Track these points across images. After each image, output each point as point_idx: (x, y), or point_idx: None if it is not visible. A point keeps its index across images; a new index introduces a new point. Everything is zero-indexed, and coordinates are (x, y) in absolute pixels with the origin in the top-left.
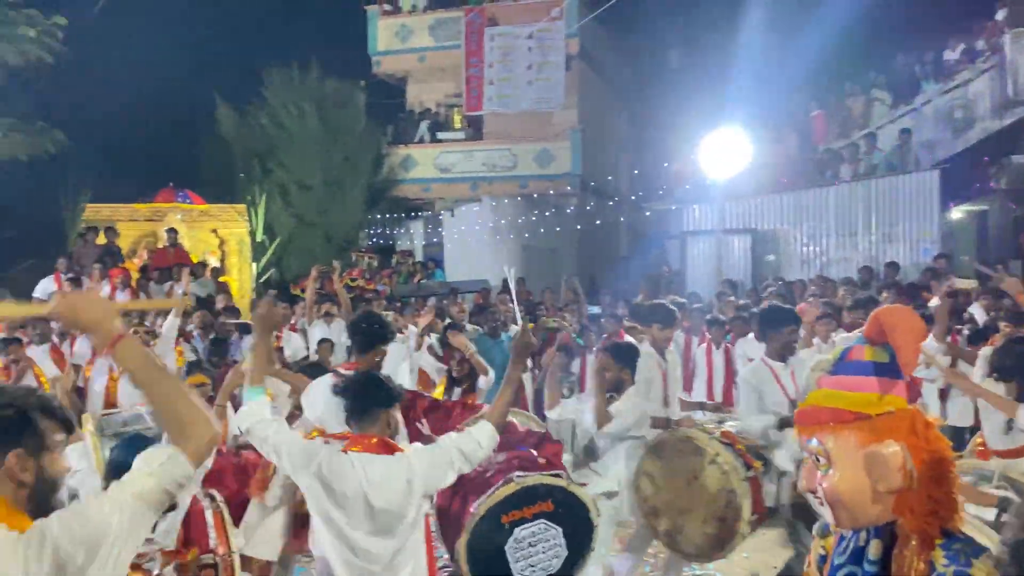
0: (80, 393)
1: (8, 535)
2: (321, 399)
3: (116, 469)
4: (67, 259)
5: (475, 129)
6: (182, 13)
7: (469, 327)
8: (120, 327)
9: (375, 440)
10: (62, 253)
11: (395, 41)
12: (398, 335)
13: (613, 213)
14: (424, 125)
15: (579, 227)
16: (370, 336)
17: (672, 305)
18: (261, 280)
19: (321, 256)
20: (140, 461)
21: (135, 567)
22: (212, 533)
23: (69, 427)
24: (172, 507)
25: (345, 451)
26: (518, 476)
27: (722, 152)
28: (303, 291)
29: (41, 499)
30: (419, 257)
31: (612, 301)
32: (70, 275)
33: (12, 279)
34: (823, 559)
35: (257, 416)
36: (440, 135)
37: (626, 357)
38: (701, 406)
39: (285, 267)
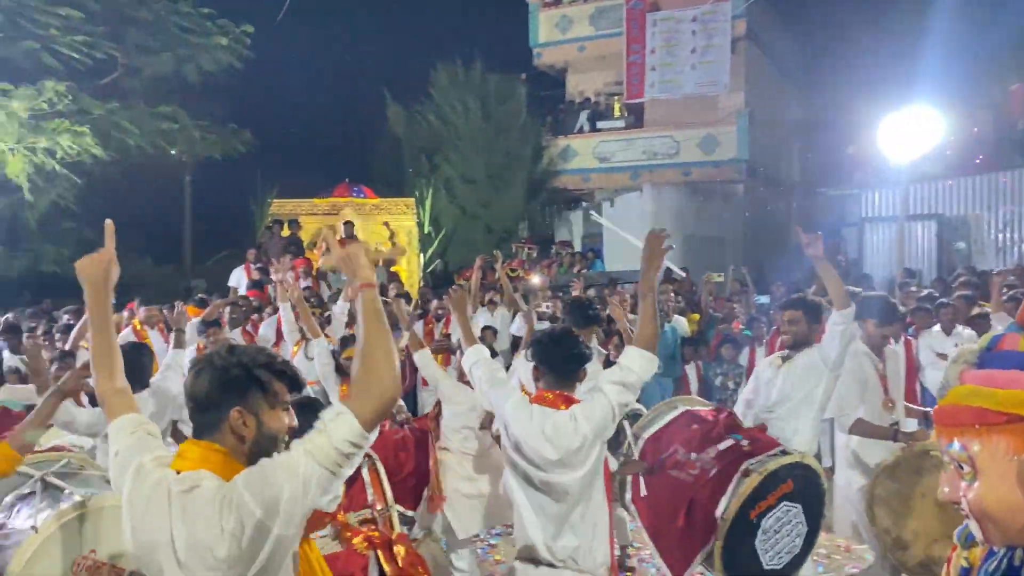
0: None
1: (217, 487)
2: None
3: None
4: (256, 250)
5: (635, 117)
6: (355, 19)
7: (631, 316)
8: (373, 277)
9: (553, 395)
10: (251, 245)
11: (555, 32)
12: None
13: (783, 200)
14: (584, 115)
15: (747, 215)
16: (587, 317)
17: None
18: (428, 270)
19: (483, 247)
20: (316, 421)
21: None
22: (369, 490)
23: (297, 385)
24: None
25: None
26: (754, 464)
27: (906, 133)
28: (466, 280)
29: (259, 454)
30: (578, 247)
31: (785, 291)
32: (259, 265)
33: (208, 269)
34: (966, 572)
35: (480, 359)
36: (600, 124)
37: (815, 313)
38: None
39: (449, 258)
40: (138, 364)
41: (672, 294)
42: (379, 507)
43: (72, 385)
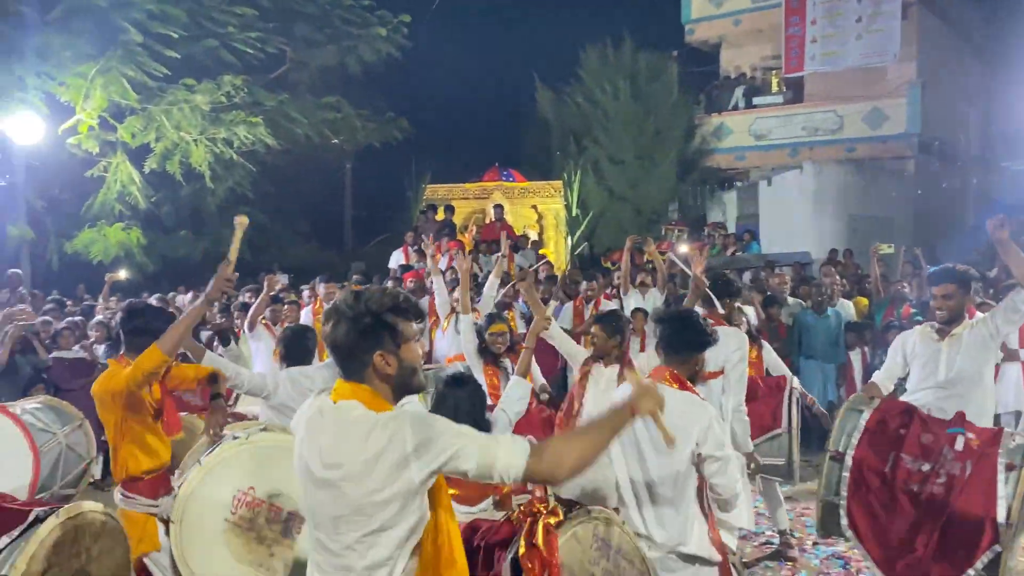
0: None
1: (367, 413)
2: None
3: (439, 403)
4: (413, 233)
5: (794, 92)
6: (505, 5)
7: (791, 300)
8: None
9: (671, 373)
10: (408, 229)
11: (709, 7)
12: None
13: (959, 176)
14: (739, 91)
15: (918, 192)
16: (728, 292)
17: None
18: (575, 252)
19: (631, 229)
20: (501, 436)
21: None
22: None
23: (420, 315)
24: None
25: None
26: (1005, 455)
27: None
28: (612, 264)
29: (403, 385)
30: (732, 229)
31: None
32: (416, 247)
33: (367, 252)
34: None
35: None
36: (756, 100)
37: (967, 285)
38: None
39: (596, 240)
40: (298, 345)
41: (837, 276)
42: (538, 494)
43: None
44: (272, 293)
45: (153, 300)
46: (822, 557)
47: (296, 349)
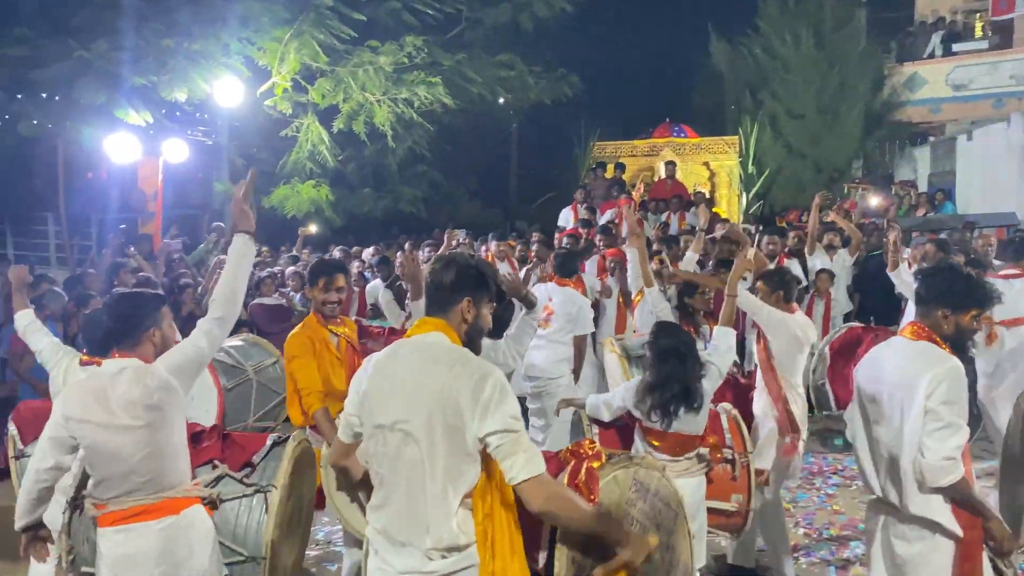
0: None
1: (452, 345)
2: None
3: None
4: (583, 191)
5: (1002, 37)
6: None
7: (996, 262)
8: None
9: (916, 326)
10: (575, 187)
11: None
12: None
13: None
14: (936, 38)
15: None
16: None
17: None
18: (749, 212)
19: (810, 187)
20: (525, 450)
21: None
22: (728, 435)
23: (500, 300)
24: None
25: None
26: None
27: None
28: (789, 224)
29: (471, 339)
30: (923, 188)
31: None
32: (586, 204)
33: (532, 211)
34: None
35: None
36: (956, 47)
37: None
38: None
39: (773, 199)
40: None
41: None
42: (738, 450)
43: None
44: (451, 248)
45: (336, 252)
46: None
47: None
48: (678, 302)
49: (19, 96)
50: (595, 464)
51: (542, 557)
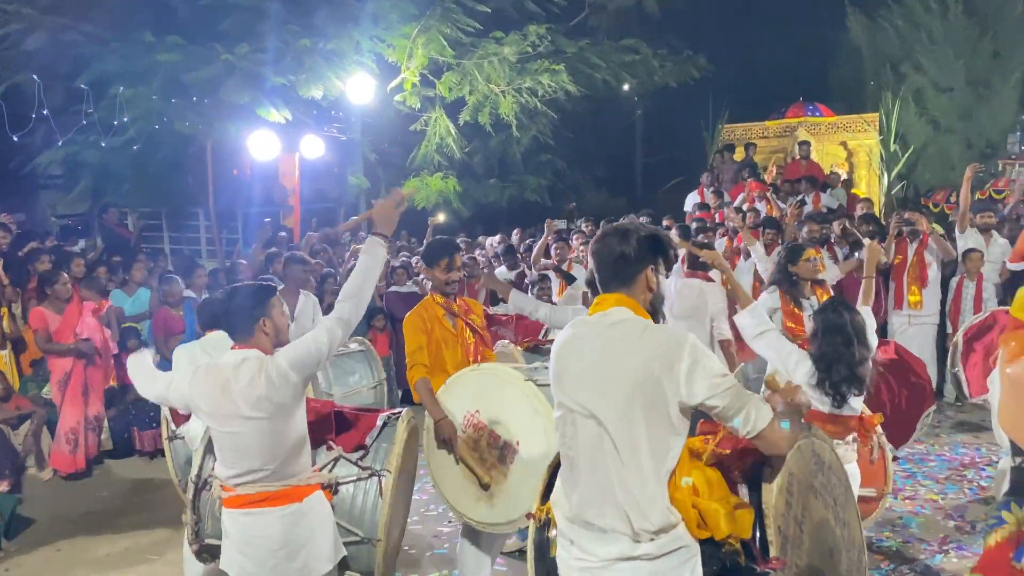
0: None
1: (638, 319)
2: None
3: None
4: (709, 174)
5: None
6: None
7: None
8: None
9: None
10: (704, 170)
11: None
12: None
13: None
14: None
15: None
16: None
17: None
18: (891, 192)
19: (959, 165)
20: (748, 397)
21: None
22: None
23: (670, 263)
24: None
25: None
26: None
27: None
28: (935, 204)
29: (654, 308)
30: None
31: None
32: (712, 188)
33: (658, 198)
34: None
35: None
36: None
37: None
38: None
39: (918, 178)
40: None
41: None
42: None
43: None
44: (552, 235)
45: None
46: None
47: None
48: (780, 270)
49: (173, 100)
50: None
51: (743, 492)
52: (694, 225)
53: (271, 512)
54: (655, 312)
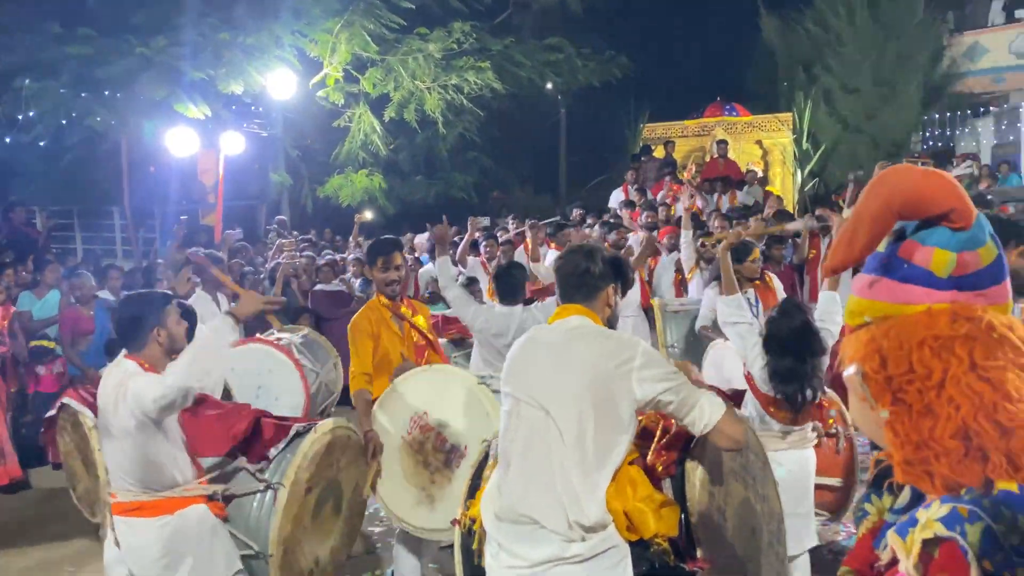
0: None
1: (598, 327)
2: None
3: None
4: (634, 172)
5: None
6: None
7: None
8: None
9: None
10: (625, 170)
11: None
12: None
13: None
14: (997, 4)
15: None
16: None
17: None
18: (804, 189)
19: (867, 163)
20: (701, 393)
21: None
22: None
23: (628, 285)
24: None
25: None
26: None
27: None
28: (844, 201)
29: (610, 325)
30: (986, 159)
31: None
32: (636, 185)
33: (583, 195)
34: None
35: None
36: (1019, 14)
37: None
38: None
39: (829, 175)
40: (507, 281)
41: None
42: (842, 426)
43: None
44: (477, 233)
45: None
46: None
47: (506, 284)
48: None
49: (84, 94)
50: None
51: (667, 489)
52: (611, 222)
53: (146, 523)
54: (611, 328)
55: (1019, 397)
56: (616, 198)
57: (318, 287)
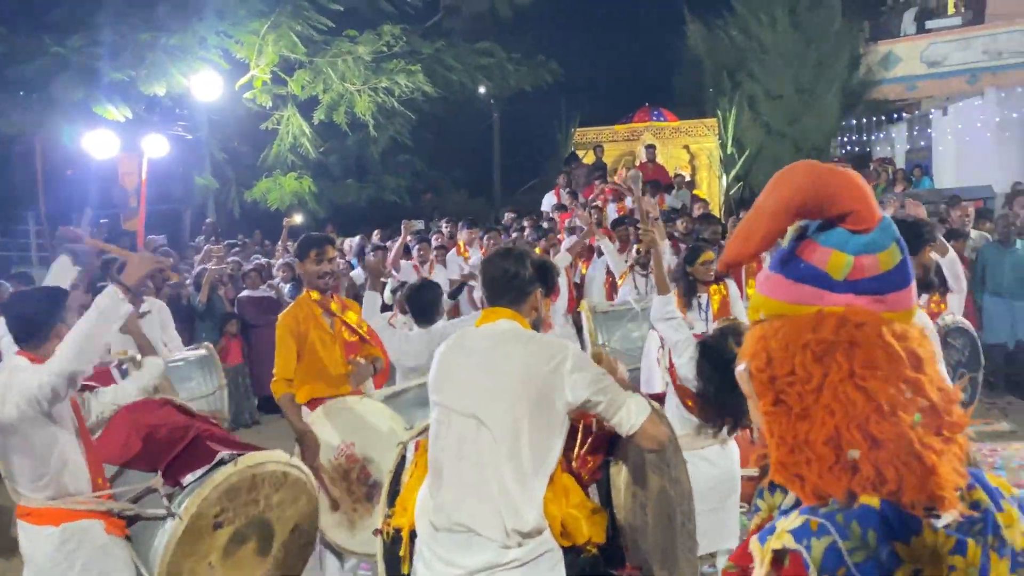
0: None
1: (525, 331)
2: None
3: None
4: (565, 176)
5: (974, 12)
6: None
7: (975, 234)
8: None
9: None
10: (558, 174)
11: None
12: None
13: None
14: (908, 15)
15: None
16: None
17: None
18: (730, 193)
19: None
20: (628, 396)
21: None
22: None
23: (551, 290)
24: None
25: None
26: None
27: None
28: None
29: (535, 328)
30: (900, 164)
31: None
32: (568, 189)
33: (517, 199)
34: None
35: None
36: (929, 24)
37: None
38: None
39: (754, 180)
40: (422, 300)
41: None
42: None
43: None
44: (411, 237)
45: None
46: None
47: (415, 305)
48: (680, 272)
49: None
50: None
51: (592, 493)
52: (545, 225)
53: (34, 530)
54: (535, 331)
55: (891, 411)
56: (548, 201)
57: (245, 293)
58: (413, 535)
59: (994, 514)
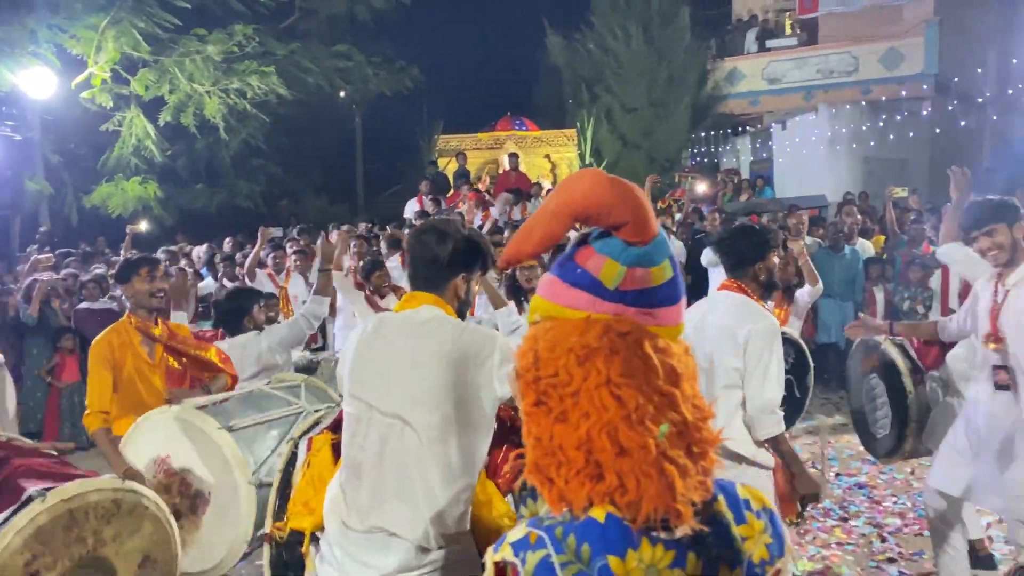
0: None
1: (449, 318)
2: None
3: None
4: (429, 182)
5: (808, 34)
6: None
7: (809, 239)
8: None
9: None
10: (422, 179)
11: None
12: None
13: (976, 117)
14: (751, 35)
15: (936, 131)
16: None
17: None
18: None
19: (644, 178)
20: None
21: None
22: None
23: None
24: None
25: None
26: None
27: None
28: None
29: (460, 314)
30: (745, 175)
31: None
32: (431, 196)
33: (380, 204)
34: None
35: None
36: (769, 44)
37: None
38: None
39: None
40: (225, 309)
41: (858, 216)
42: None
43: None
44: (264, 245)
45: (160, 253)
46: (845, 487)
47: (222, 314)
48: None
49: None
50: None
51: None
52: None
53: None
54: (461, 317)
55: (639, 420)
56: (411, 208)
57: (83, 305)
58: (315, 537)
59: (731, 527)
